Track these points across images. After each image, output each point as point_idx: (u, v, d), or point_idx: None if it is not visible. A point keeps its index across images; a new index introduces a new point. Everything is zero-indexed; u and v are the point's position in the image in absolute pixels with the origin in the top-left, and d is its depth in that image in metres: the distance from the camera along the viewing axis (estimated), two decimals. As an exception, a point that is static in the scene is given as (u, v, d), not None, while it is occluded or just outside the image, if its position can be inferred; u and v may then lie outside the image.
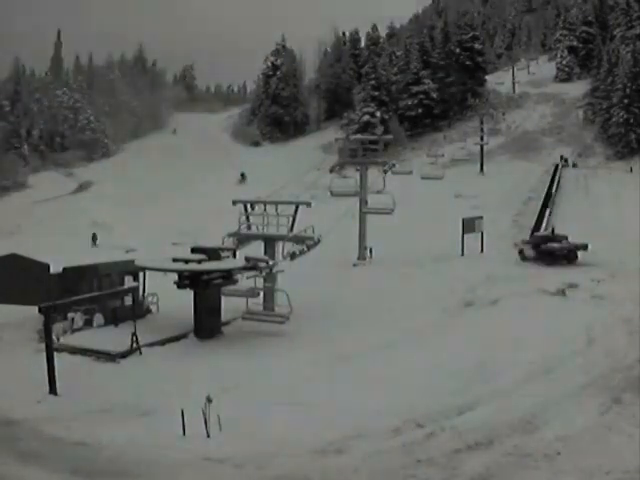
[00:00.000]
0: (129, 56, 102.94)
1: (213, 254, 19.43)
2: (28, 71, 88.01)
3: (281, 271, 21.10)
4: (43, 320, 15.20)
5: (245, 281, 20.04)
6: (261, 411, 12.64)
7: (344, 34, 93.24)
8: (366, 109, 69.81)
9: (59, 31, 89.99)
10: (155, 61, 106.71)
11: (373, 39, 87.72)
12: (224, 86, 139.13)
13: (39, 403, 13.59)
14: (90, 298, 18.92)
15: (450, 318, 20.46)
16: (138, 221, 44.58)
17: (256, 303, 19.99)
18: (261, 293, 20.15)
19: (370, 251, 33.20)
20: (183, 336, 18.91)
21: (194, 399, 11.91)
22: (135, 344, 17.27)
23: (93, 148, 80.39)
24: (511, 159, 60.07)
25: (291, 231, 22.05)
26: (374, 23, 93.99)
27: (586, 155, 59.04)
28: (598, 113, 62.31)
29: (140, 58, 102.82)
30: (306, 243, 23.06)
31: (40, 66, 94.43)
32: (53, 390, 14.13)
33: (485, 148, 58.84)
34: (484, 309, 21.29)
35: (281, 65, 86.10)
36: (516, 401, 12.80)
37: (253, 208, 23.52)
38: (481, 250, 32.70)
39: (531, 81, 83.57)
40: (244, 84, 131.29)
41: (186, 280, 19.05)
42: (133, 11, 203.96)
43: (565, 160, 56.49)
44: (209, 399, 11.62)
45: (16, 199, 61.41)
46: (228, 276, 19.48)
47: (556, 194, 45.97)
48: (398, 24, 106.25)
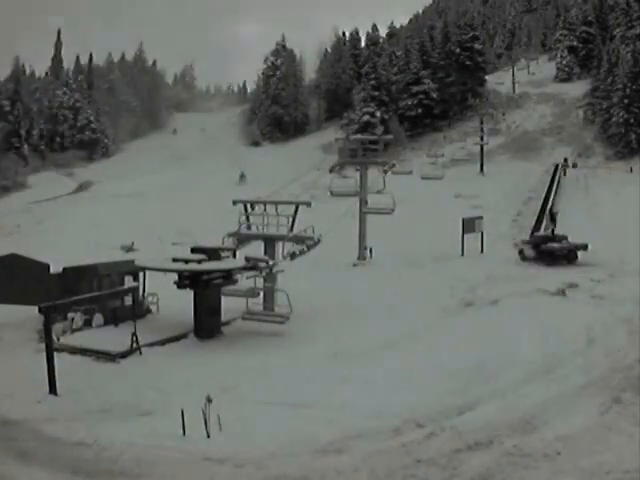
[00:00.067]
0: (129, 56, 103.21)
1: (213, 254, 19.40)
2: (28, 71, 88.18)
3: (281, 271, 21.07)
4: (43, 320, 15.17)
5: (245, 281, 20.02)
6: (261, 411, 12.64)
7: (344, 34, 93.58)
8: (366, 109, 69.90)
9: (59, 31, 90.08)
10: (155, 61, 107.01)
11: (373, 39, 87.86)
12: (224, 86, 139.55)
13: (39, 403, 13.56)
14: (90, 298, 18.89)
15: (450, 318, 20.44)
16: (138, 221, 44.52)
17: (256, 303, 19.97)
18: (261, 293, 20.13)
19: (370, 251, 33.19)
20: (183, 336, 18.87)
21: (194, 399, 11.90)
22: (135, 344, 17.24)
23: (93, 148, 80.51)
24: (511, 159, 60.12)
25: (291, 231, 22.02)
26: (374, 23, 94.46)
27: (586, 155, 59.04)
28: (598, 113, 62.33)
29: (140, 58, 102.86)
30: (306, 243, 23.03)
31: (40, 66, 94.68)
32: (53, 390, 14.10)
33: (485, 148, 58.88)
34: (484, 309, 21.27)
35: (281, 65, 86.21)
36: (516, 401, 12.80)
37: (253, 208, 23.50)
38: (481, 250, 32.73)
39: (531, 81, 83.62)
40: (244, 84, 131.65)
41: (186, 280, 19.03)
42: (133, 11, 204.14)
43: (565, 160, 56.48)
44: (209, 399, 11.62)
45: (16, 199, 61.46)
46: (228, 276, 19.45)
47: (556, 195, 45.95)
48: (398, 24, 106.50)
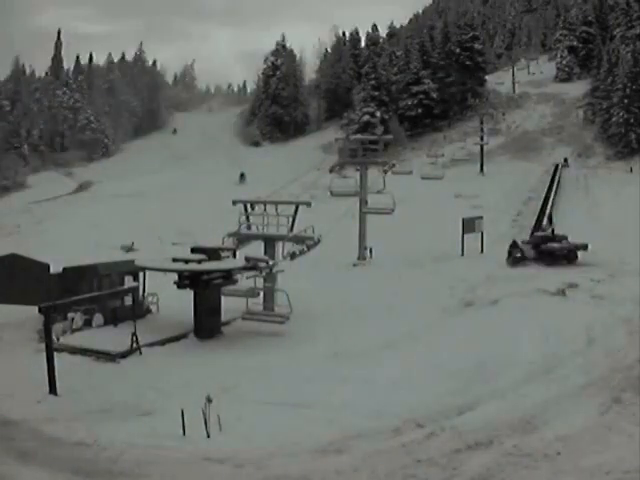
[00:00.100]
0: (129, 56, 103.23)
1: (213, 254, 19.41)
2: (28, 71, 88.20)
3: (281, 271, 21.07)
4: (43, 320, 15.18)
5: (245, 281, 20.02)
6: (261, 411, 12.64)
7: (344, 34, 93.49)
8: (366, 109, 69.85)
9: (59, 31, 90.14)
10: (155, 61, 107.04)
11: (373, 39, 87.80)
12: (224, 86, 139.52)
13: (39, 403, 13.56)
14: (90, 298, 18.90)
15: (450, 318, 20.45)
16: (138, 221, 44.50)
17: (256, 303, 19.97)
18: (261, 293, 20.13)
19: (370, 251, 33.17)
20: (183, 336, 18.88)
21: (194, 399, 11.91)
22: (135, 344, 17.24)
23: (93, 148, 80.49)
24: (511, 159, 60.06)
25: (291, 231, 22.03)
26: (374, 23, 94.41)
27: (586, 155, 58.99)
28: (598, 113, 62.29)
29: (140, 58, 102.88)
30: (306, 243, 23.04)
31: (40, 66, 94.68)
32: (53, 390, 14.10)
33: (485, 148, 58.85)
34: (484, 309, 21.28)
35: (281, 65, 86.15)
36: (516, 401, 12.81)
37: (253, 208, 23.51)
38: (481, 250, 32.71)
39: (531, 81, 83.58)
40: (244, 84, 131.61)
41: (186, 280, 19.03)
42: (134, 11, 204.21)
43: (565, 160, 56.48)
44: (209, 399, 11.62)
45: (16, 199, 61.45)
46: (228, 276, 19.45)
47: (556, 195, 45.92)
48: (398, 24, 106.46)
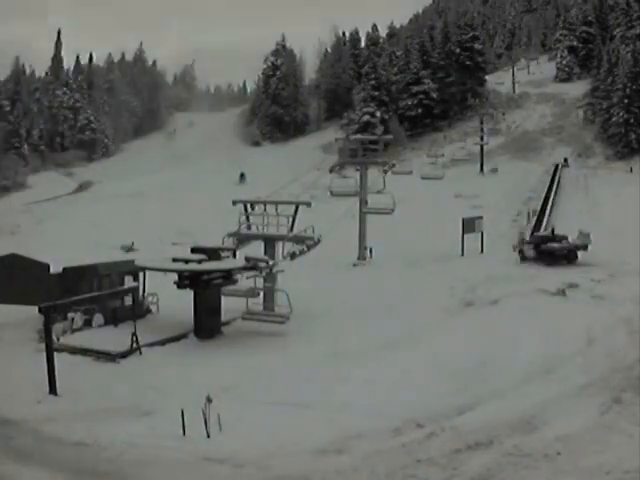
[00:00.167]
0: (129, 56, 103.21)
1: (213, 254, 19.41)
2: (28, 71, 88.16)
3: (281, 271, 21.07)
4: (43, 320, 15.19)
5: (245, 281, 20.02)
6: (261, 411, 12.64)
7: (344, 34, 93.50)
8: (366, 109, 69.84)
9: (59, 31, 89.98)
10: (155, 61, 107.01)
11: (373, 39, 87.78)
12: (224, 86, 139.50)
13: (39, 403, 13.58)
14: (90, 298, 18.91)
15: (450, 318, 20.44)
16: (138, 221, 44.52)
17: (256, 303, 19.97)
18: (261, 293, 20.14)
19: (370, 251, 33.19)
20: (183, 336, 18.88)
21: (194, 399, 11.91)
22: (135, 344, 17.25)
23: (93, 148, 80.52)
24: (511, 159, 60.06)
25: (291, 231, 22.03)
26: (374, 23, 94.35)
27: (586, 155, 58.99)
28: (598, 113, 62.28)
29: (140, 58, 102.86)
30: (306, 243, 23.04)
31: (40, 66, 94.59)
32: (53, 390, 14.12)
33: (485, 148, 58.86)
34: (484, 309, 21.27)
35: (281, 65, 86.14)
36: (516, 401, 12.81)
37: (253, 208, 23.50)
38: (481, 250, 32.73)
39: (531, 81, 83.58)
40: (244, 84, 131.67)
41: (186, 280, 19.04)
42: (134, 11, 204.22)
43: (565, 160, 56.48)
44: (209, 399, 11.63)
45: (16, 199, 61.44)
46: (228, 276, 19.46)
47: (556, 195, 45.92)
48: (398, 24, 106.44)
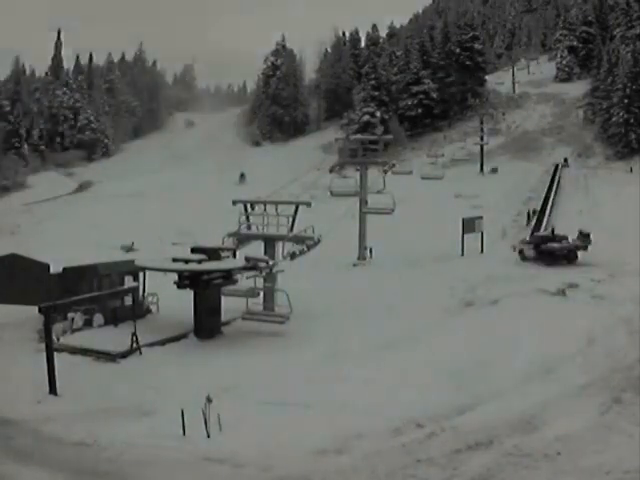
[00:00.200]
0: (129, 56, 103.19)
1: (213, 254, 19.41)
2: (28, 71, 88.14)
3: (281, 271, 21.07)
4: (43, 320, 15.19)
5: (245, 281, 20.02)
6: (261, 411, 12.64)
7: (344, 34, 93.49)
8: (366, 109, 69.85)
9: (59, 31, 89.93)
10: (155, 61, 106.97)
11: (373, 39, 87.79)
12: (224, 86, 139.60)
13: (39, 403, 13.58)
14: (90, 298, 18.90)
15: (450, 318, 20.44)
16: (138, 221, 44.52)
17: (256, 303, 19.97)
18: (261, 293, 20.13)
19: (370, 251, 33.19)
20: (183, 336, 18.88)
21: (194, 399, 11.91)
22: (135, 344, 17.25)
23: (93, 148, 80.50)
24: (511, 159, 60.06)
25: (291, 231, 22.03)
26: (374, 23, 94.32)
27: (586, 155, 58.99)
28: (598, 113, 62.28)
29: (140, 58, 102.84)
30: (306, 243, 23.04)
31: (40, 66, 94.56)
32: (53, 390, 14.12)
33: (485, 148, 58.87)
34: (484, 309, 21.27)
35: (281, 65, 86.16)
36: (516, 401, 12.81)
37: (253, 208, 23.50)
38: (481, 250, 32.72)
39: (531, 81, 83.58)
40: (244, 84, 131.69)
41: (186, 280, 19.03)
42: (134, 12, 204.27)
43: (565, 160, 56.49)
44: (209, 399, 11.63)
45: (16, 199, 61.45)
46: (228, 276, 19.45)
47: (556, 195, 45.91)
48: (398, 24, 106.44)
